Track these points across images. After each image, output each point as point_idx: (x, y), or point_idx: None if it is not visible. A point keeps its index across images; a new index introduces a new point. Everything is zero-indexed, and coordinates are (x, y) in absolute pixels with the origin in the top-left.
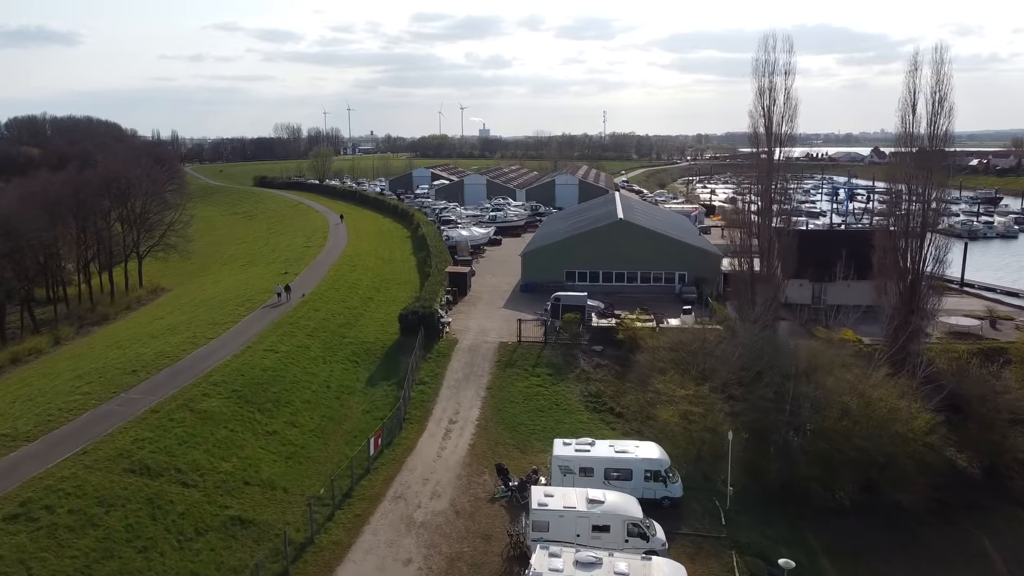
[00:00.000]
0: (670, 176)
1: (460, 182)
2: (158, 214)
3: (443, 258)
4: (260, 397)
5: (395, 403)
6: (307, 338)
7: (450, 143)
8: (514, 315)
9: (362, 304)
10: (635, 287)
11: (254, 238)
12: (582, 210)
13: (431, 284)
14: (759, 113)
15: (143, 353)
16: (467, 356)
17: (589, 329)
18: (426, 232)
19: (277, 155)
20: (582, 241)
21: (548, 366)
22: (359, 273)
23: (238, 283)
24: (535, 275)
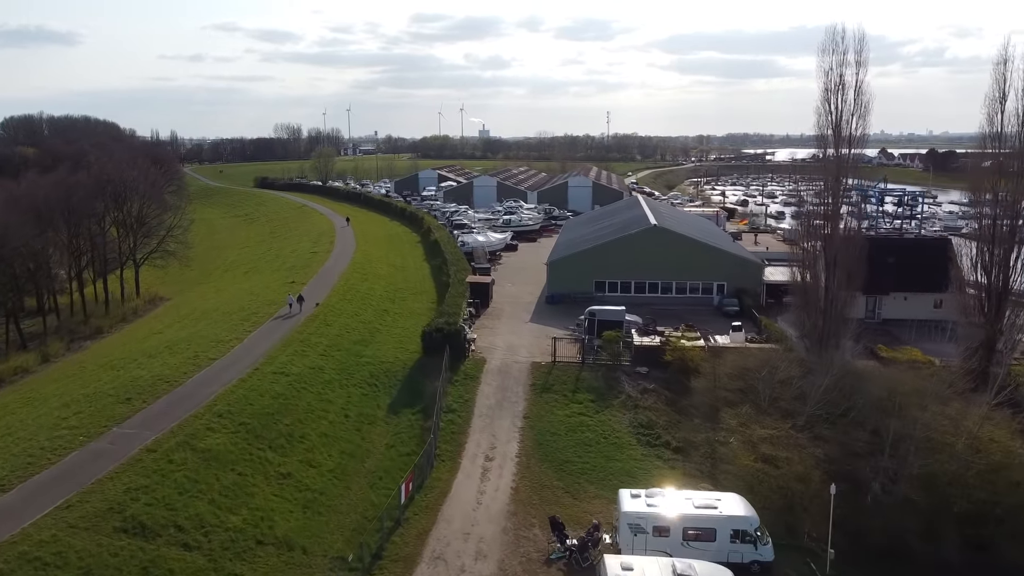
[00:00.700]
0: (677, 177)
1: (469, 184)
2: (156, 218)
3: (461, 266)
4: (271, 430)
5: (422, 435)
6: (320, 358)
7: (452, 144)
8: (543, 330)
9: (377, 318)
10: (670, 299)
11: (256, 242)
12: (605, 215)
13: (452, 296)
14: (825, 111)
15: (139, 377)
16: (498, 378)
17: (630, 348)
18: (439, 237)
19: (277, 156)
20: (613, 249)
21: (589, 390)
22: (371, 282)
23: (242, 293)
24: (562, 285)
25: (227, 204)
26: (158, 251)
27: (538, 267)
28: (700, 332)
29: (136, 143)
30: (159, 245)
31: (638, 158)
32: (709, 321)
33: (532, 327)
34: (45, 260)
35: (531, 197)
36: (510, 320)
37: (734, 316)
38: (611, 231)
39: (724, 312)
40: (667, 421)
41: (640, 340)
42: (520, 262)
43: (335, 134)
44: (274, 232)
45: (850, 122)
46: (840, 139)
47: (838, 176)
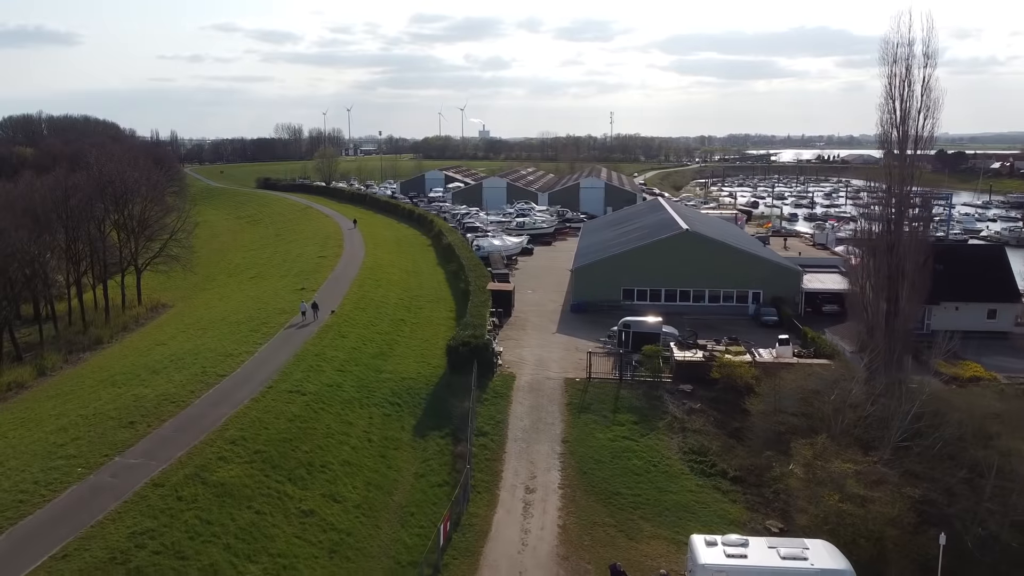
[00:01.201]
0: (684, 178)
1: (478, 185)
2: (159, 221)
3: (479, 272)
4: (289, 459)
5: (453, 462)
6: (338, 374)
7: (454, 144)
8: (572, 342)
9: (394, 328)
10: (702, 307)
11: (261, 245)
12: (626, 218)
13: (475, 306)
14: (889, 108)
15: (142, 396)
16: (530, 397)
17: (671, 363)
18: (452, 241)
19: (278, 156)
20: (642, 255)
21: (630, 410)
22: (385, 289)
23: (249, 300)
24: (588, 293)
25: (229, 205)
26: (161, 256)
27: (557, 272)
28: (744, 345)
29: (136, 143)
30: (162, 250)
31: (642, 159)
32: (746, 332)
33: (560, 339)
34: (42, 266)
35: (542, 199)
36: (536, 331)
37: (773, 327)
38: (638, 236)
39: (762, 322)
40: (720, 447)
41: (681, 355)
42: (537, 267)
43: (336, 134)
44: (279, 235)
45: (916, 120)
46: (906, 139)
47: (903, 179)
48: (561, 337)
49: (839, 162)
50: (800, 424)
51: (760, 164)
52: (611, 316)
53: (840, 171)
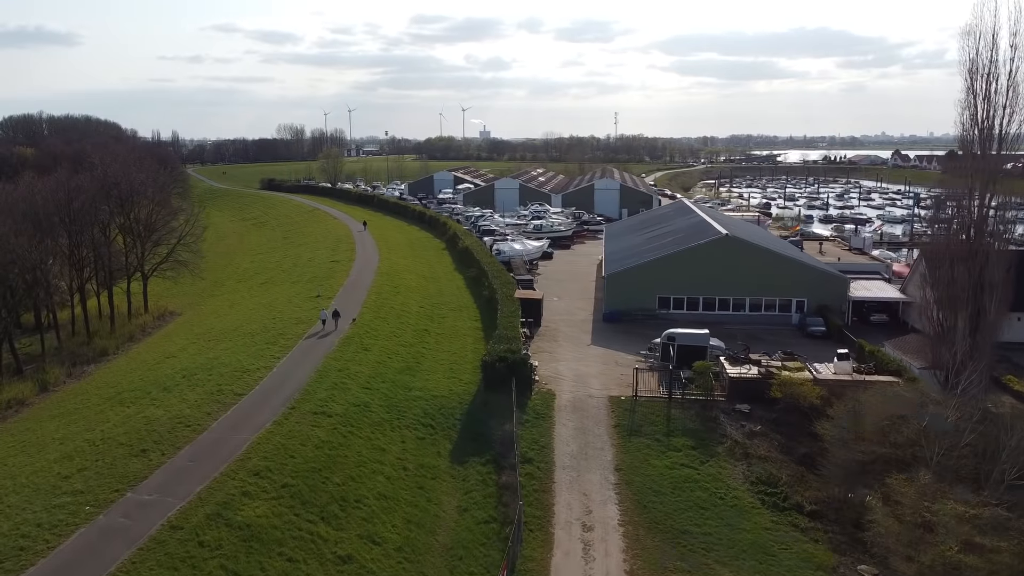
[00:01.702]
0: (691, 179)
1: (490, 187)
2: (166, 225)
3: (503, 279)
4: (320, 494)
5: (498, 494)
6: (364, 392)
7: (457, 145)
8: (610, 355)
9: (418, 339)
10: (742, 317)
11: (269, 249)
12: (653, 221)
13: (506, 316)
14: (969, 104)
15: (154, 418)
16: (574, 418)
17: (722, 380)
18: (470, 245)
19: (281, 156)
20: (679, 261)
21: (685, 433)
22: (404, 296)
23: (261, 308)
24: (621, 301)
25: (234, 207)
26: (168, 261)
27: (580, 277)
28: (799, 360)
29: (139, 144)
30: (170, 255)
31: (646, 159)
32: (793, 344)
33: (596, 351)
34: (44, 274)
35: (555, 200)
36: (569, 342)
37: (820, 338)
38: (672, 241)
39: (808, 333)
40: (791, 476)
41: (734, 371)
42: (559, 271)
43: (338, 135)
44: (287, 237)
45: (1001, 117)
46: (989, 137)
47: (986, 180)
48: (597, 350)
49: (846, 163)
50: (887, 454)
51: (766, 165)
52: (646, 326)
53: (849, 172)
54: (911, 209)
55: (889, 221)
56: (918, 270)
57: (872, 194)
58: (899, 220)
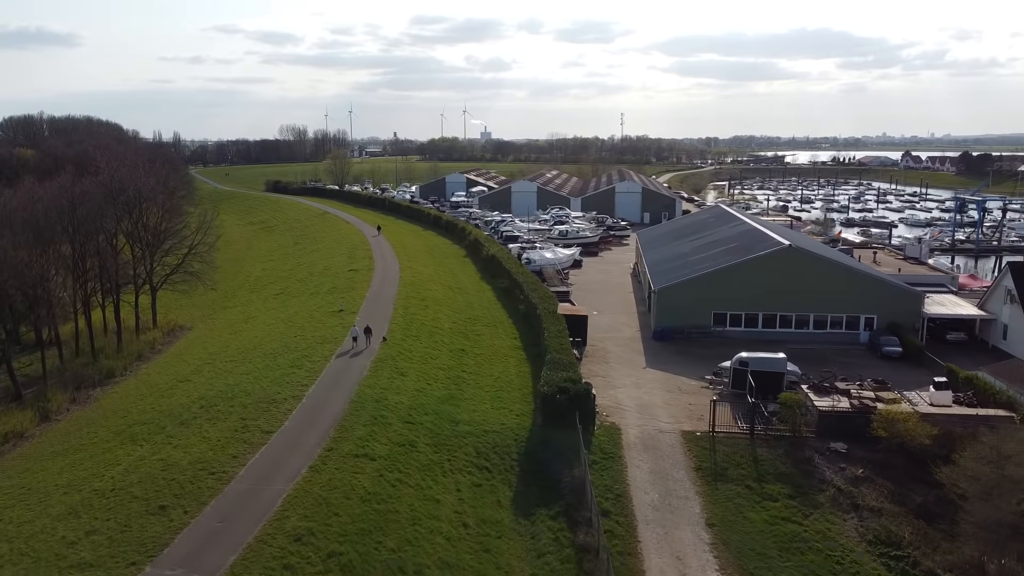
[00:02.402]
0: (702, 181)
1: (506, 189)
2: (177, 234)
3: (541, 292)
4: (374, 564)
5: (576, 558)
6: (407, 428)
7: (460, 146)
8: (671, 380)
9: (456, 361)
10: (805, 335)
11: (281, 255)
12: (694, 228)
13: (554, 337)
14: None
15: (172, 461)
16: (647, 458)
17: (811, 413)
18: (496, 253)
19: (283, 158)
20: (737, 274)
21: (778, 478)
22: (433, 310)
23: (280, 323)
24: (673, 318)
25: (240, 210)
26: (179, 272)
27: (615, 287)
28: (890, 389)
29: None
30: (180, 265)
31: (652, 161)
32: (866, 366)
33: (655, 376)
34: (46, 291)
35: (574, 203)
36: (622, 365)
37: (897, 360)
38: (725, 252)
39: (883, 354)
40: (914, 534)
41: (823, 403)
42: (591, 281)
43: (341, 136)
44: (298, 243)
45: None
46: None
47: None
48: (655, 374)
49: (856, 164)
50: None
51: (775, 167)
52: (702, 345)
53: (861, 173)
54: (953, 214)
55: (912, 224)
56: (1002, 284)
57: (887, 196)
58: (923, 224)
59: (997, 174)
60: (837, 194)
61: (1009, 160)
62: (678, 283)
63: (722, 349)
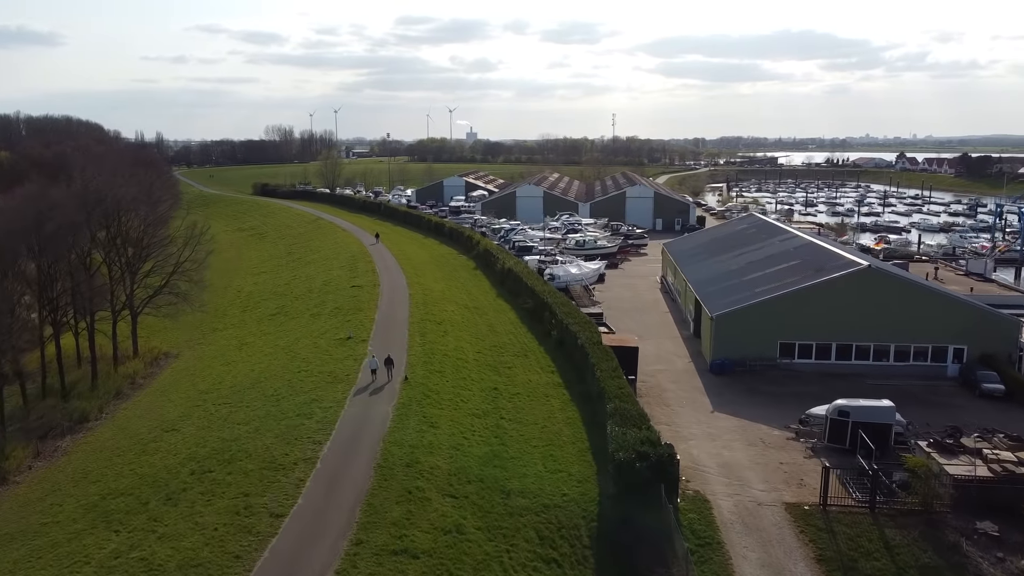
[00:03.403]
0: (699, 182)
1: (511, 194)
2: (162, 250)
3: (578, 317)
4: None
5: None
6: (449, 504)
7: (450, 147)
8: (749, 429)
9: (491, 404)
10: (886, 368)
11: (274, 267)
12: (733, 240)
13: (608, 377)
14: None
15: (156, 561)
16: (752, 544)
17: (943, 481)
18: (513, 267)
19: (269, 158)
20: (808, 299)
21: (923, 573)
22: (453, 337)
23: (280, 352)
24: (734, 348)
25: (228, 215)
26: (163, 293)
27: (647, 306)
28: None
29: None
30: (164, 286)
31: (645, 162)
32: (964, 406)
33: (728, 423)
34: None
35: (583, 209)
36: (685, 407)
37: (999, 399)
38: (787, 271)
39: (982, 392)
40: None
41: (956, 468)
42: (619, 298)
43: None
44: (291, 252)
45: None
46: None
47: None
48: (727, 420)
49: (850, 165)
50: None
51: (769, 168)
52: (770, 380)
53: (859, 175)
54: (994, 218)
55: (925, 230)
56: None
57: (889, 199)
58: (936, 229)
59: (998, 176)
60: (839, 197)
61: (1009, 162)
62: (740, 309)
63: (795, 386)
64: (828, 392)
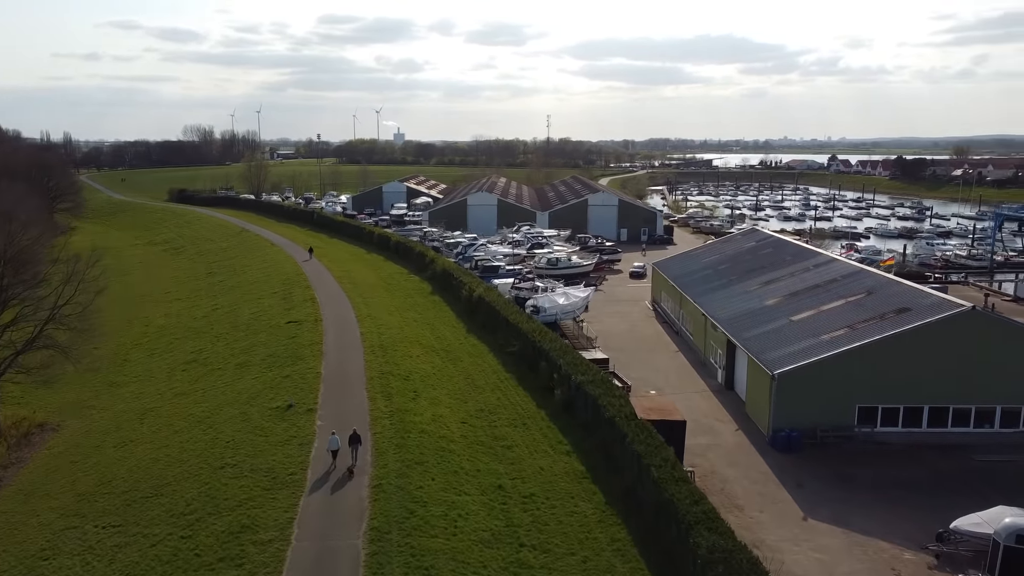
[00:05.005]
0: (640, 185)
1: (462, 202)
2: (31, 290)
3: (589, 373)
4: None
5: None
6: None
7: (381, 148)
8: (866, 546)
9: (502, 520)
10: (991, 437)
11: (191, 292)
12: (744, 260)
13: (670, 482)
14: None
15: None
16: None
17: None
18: (485, 296)
19: (189, 160)
20: (900, 350)
21: None
22: (426, 398)
23: (197, 427)
24: (799, 415)
25: (138, 225)
26: (33, 348)
27: (649, 342)
28: None
29: (22, 146)
30: (35, 339)
31: (580, 164)
32: None
33: (836, 539)
34: None
35: (540, 218)
36: (762, 510)
37: None
38: (849, 309)
39: None
40: None
41: None
42: (613, 332)
43: (251, 137)
44: (212, 273)
45: None
46: None
47: None
48: (834, 535)
49: (784, 168)
50: None
51: (707, 170)
52: (852, 458)
53: (797, 178)
54: (994, 229)
55: (883, 235)
56: None
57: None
58: (895, 235)
59: (932, 179)
60: (783, 200)
61: (942, 165)
62: (809, 364)
63: (890, 466)
64: (935, 475)
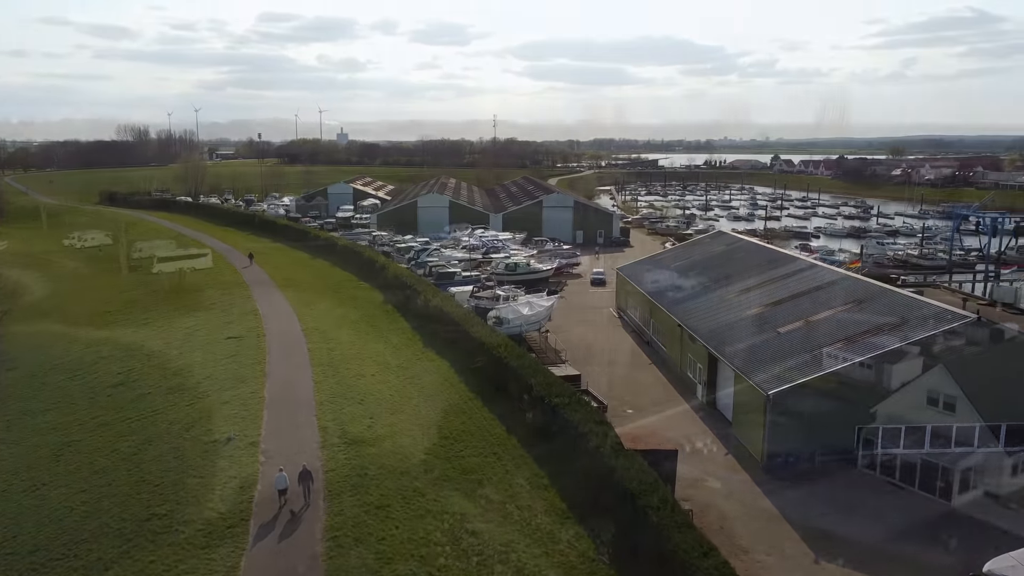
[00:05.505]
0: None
1: (412, 204)
2: None
3: (565, 395)
4: None
5: None
6: None
7: (325, 148)
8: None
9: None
10: (997, 457)
11: (122, 306)
12: (716, 264)
13: (672, 526)
14: None
15: None
16: None
17: None
18: (443, 306)
19: (124, 161)
20: (904, 368)
21: None
22: (384, 424)
23: (121, 466)
24: (795, 439)
25: (66, 232)
26: None
27: (620, 354)
28: None
29: None
30: None
31: (527, 164)
32: None
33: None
34: None
35: (494, 221)
36: (768, 553)
37: None
38: (851, 324)
39: None
40: None
41: None
42: (579, 343)
43: (188, 137)
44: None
45: None
46: None
47: None
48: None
49: (729, 168)
50: None
51: (653, 171)
52: (852, 482)
53: (744, 178)
54: (952, 230)
55: (832, 235)
56: None
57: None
58: (844, 234)
59: (873, 178)
60: (731, 200)
61: (883, 164)
62: (805, 383)
63: (899, 496)
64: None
